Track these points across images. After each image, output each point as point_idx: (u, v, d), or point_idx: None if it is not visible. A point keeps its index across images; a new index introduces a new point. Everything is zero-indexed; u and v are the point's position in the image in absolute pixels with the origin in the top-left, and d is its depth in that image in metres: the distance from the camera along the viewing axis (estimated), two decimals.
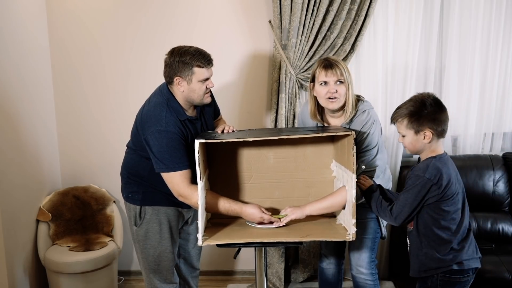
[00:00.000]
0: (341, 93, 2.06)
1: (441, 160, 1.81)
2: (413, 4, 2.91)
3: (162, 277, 2.27)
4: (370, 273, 2.27)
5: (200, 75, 2.02)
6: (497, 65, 3.02)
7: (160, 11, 3.02)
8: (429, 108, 1.79)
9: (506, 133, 3.13)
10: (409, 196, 1.81)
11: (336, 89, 2.06)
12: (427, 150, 1.85)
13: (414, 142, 1.84)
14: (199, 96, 2.07)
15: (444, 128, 1.82)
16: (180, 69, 2.01)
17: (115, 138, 3.08)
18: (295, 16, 2.79)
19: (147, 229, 2.20)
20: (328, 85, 2.07)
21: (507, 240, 2.80)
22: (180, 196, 2.03)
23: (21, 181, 2.71)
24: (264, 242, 1.87)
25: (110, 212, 3.07)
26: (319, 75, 2.09)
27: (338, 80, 2.06)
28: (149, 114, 2.05)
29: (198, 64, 2.00)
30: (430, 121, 1.79)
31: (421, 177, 1.78)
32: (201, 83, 2.04)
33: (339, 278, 2.47)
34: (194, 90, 2.04)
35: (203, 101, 2.10)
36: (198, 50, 2.03)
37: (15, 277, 2.60)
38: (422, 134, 1.81)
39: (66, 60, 3.10)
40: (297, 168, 2.16)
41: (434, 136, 1.81)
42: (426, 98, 1.82)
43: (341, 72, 2.05)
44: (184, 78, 2.03)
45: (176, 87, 2.06)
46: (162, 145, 1.99)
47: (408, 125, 1.82)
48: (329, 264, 2.44)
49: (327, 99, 2.08)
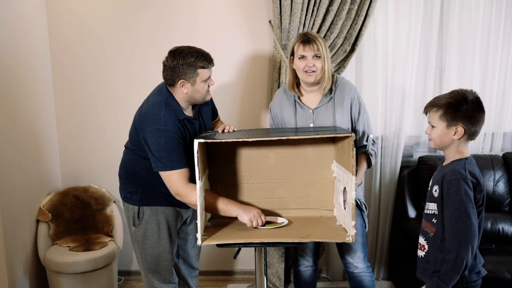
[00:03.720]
0: (318, 67, 2.20)
1: (472, 163, 1.73)
2: (413, 4, 2.91)
3: (161, 277, 2.27)
4: (366, 266, 2.33)
5: (204, 76, 2.05)
6: (497, 65, 3.02)
7: (161, 12, 3.02)
8: (470, 104, 1.69)
9: (506, 133, 3.14)
10: (460, 206, 1.65)
11: (313, 63, 2.19)
12: (453, 148, 1.75)
13: (443, 135, 1.74)
14: (202, 95, 2.10)
15: (477, 130, 1.72)
16: (184, 71, 2.02)
17: (115, 138, 3.08)
18: (295, 16, 2.79)
19: (145, 229, 2.20)
20: (306, 59, 2.20)
21: (507, 240, 2.80)
22: (178, 195, 2.03)
23: (21, 181, 2.71)
24: (264, 242, 1.87)
25: (110, 212, 3.07)
26: (297, 49, 2.22)
27: (315, 55, 2.19)
28: (148, 113, 2.06)
29: (202, 66, 2.02)
30: (466, 117, 1.69)
31: (462, 179, 1.67)
32: (204, 83, 2.06)
33: (315, 277, 2.55)
34: (198, 90, 2.07)
35: (205, 99, 2.13)
36: (200, 52, 2.04)
37: (15, 277, 2.60)
38: (453, 129, 1.71)
39: (66, 60, 3.10)
40: (297, 168, 2.16)
41: (465, 135, 1.71)
42: (469, 93, 1.71)
43: (318, 47, 2.18)
44: (188, 80, 2.04)
45: (179, 89, 2.07)
46: (161, 143, 1.99)
47: (442, 116, 1.72)
48: (306, 267, 2.50)
49: (305, 72, 2.21)
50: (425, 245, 1.82)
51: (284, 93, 2.37)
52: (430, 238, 1.79)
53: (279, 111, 2.37)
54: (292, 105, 2.33)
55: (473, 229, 1.65)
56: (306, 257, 2.48)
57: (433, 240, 1.78)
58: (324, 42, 2.23)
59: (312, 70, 2.20)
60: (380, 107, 3.01)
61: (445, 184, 1.71)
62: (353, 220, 1.84)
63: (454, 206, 1.67)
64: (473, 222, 1.65)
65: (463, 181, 1.67)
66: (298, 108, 2.32)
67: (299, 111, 2.31)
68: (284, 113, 2.35)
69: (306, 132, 2.08)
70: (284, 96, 2.37)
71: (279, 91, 2.44)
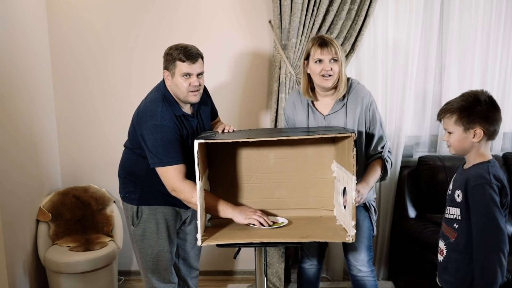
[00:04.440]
0: (335, 71, 2.13)
1: (496, 166, 1.68)
2: (413, 4, 2.91)
3: (160, 277, 2.27)
4: (370, 270, 2.29)
5: (181, 69, 2.04)
6: (497, 65, 3.03)
7: (161, 12, 3.02)
8: (483, 104, 1.64)
9: (506, 133, 3.14)
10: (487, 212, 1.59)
11: (331, 67, 2.12)
12: (475, 151, 1.70)
13: (462, 140, 1.69)
14: (182, 92, 2.07)
15: (496, 129, 1.67)
16: (167, 62, 2.07)
17: (115, 138, 3.07)
18: (295, 16, 2.79)
19: (144, 228, 2.20)
20: (323, 63, 2.13)
21: None
22: (174, 191, 2.02)
23: (21, 181, 2.71)
24: (264, 243, 1.87)
25: (110, 212, 3.07)
26: (314, 53, 2.15)
27: (333, 58, 2.12)
28: (145, 109, 2.07)
29: (180, 58, 2.03)
30: (483, 118, 1.64)
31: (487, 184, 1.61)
32: (183, 78, 2.05)
33: (318, 276, 2.53)
34: (177, 84, 2.07)
35: (188, 99, 2.09)
36: (184, 46, 2.06)
37: (15, 277, 2.60)
38: (472, 132, 1.66)
39: (66, 60, 3.10)
40: (297, 168, 2.16)
41: (485, 136, 1.66)
42: (480, 94, 1.67)
43: (335, 51, 2.12)
44: (170, 72, 2.07)
45: (166, 81, 2.11)
46: (157, 139, 1.99)
47: (458, 121, 1.67)
48: (310, 265, 2.48)
49: (321, 76, 2.14)
50: (444, 250, 1.78)
51: (298, 96, 2.31)
52: (451, 243, 1.75)
53: (292, 114, 2.33)
54: (305, 109, 2.27)
55: (502, 234, 1.60)
56: (311, 255, 2.45)
57: (453, 245, 1.74)
58: (339, 45, 2.17)
59: (329, 74, 2.13)
60: (380, 107, 3.00)
61: (469, 190, 1.66)
62: (353, 220, 1.83)
63: (481, 212, 1.62)
64: (501, 227, 1.60)
65: (488, 186, 1.62)
66: (310, 113, 2.26)
67: (311, 116, 2.26)
68: (296, 117, 2.30)
69: (315, 132, 2.06)
70: (298, 98, 2.31)
71: (293, 93, 2.36)
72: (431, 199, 2.90)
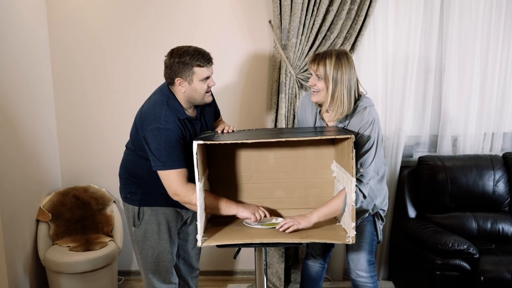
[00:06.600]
0: (319, 87, 2.07)
1: None
2: (413, 4, 2.91)
3: (161, 277, 2.27)
4: (369, 276, 2.27)
5: (201, 75, 2.03)
6: (497, 65, 3.02)
7: (161, 12, 3.02)
8: None
9: (506, 133, 3.14)
10: None
11: (314, 82, 2.08)
12: None
13: None
14: (200, 95, 2.08)
15: None
16: (180, 70, 2.02)
17: (115, 138, 3.08)
18: (295, 16, 2.79)
19: (145, 229, 2.20)
20: (311, 77, 2.11)
21: (507, 240, 2.80)
22: (176, 195, 2.02)
23: (21, 181, 2.71)
24: (264, 243, 1.87)
25: (110, 212, 3.07)
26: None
27: (317, 75, 2.07)
28: (149, 112, 2.06)
29: (198, 64, 2.01)
30: None
31: None
32: (202, 82, 2.05)
33: (321, 275, 2.52)
34: (195, 89, 2.05)
35: (205, 100, 2.11)
36: (197, 50, 2.04)
37: (15, 277, 2.60)
38: None
39: (66, 60, 3.10)
40: (297, 169, 2.16)
41: None
42: None
43: (318, 68, 2.04)
44: (185, 79, 2.03)
45: (177, 88, 2.07)
46: (160, 142, 1.99)
47: None
48: (314, 262, 2.48)
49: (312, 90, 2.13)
50: None
51: (310, 101, 2.24)
52: None
53: (302, 116, 2.32)
54: (313, 115, 2.25)
55: None
56: (315, 253, 2.46)
57: None
58: (338, 64, 2.02)
59: (313, 90, 2.10)
60: (380, 107, 3.01)
61: None
62: (352, 221, 1.84)
63: None
64: None
65: None
66: (317, 121, 2.23)
67: (318, 124, 2.23)
68: (305, 120, 2.29)
69: (306, 134, 2.06)
70: (309, 103, 2.26)
71: (307, 96, 2.30)
72: (431, 199, 2.91)
